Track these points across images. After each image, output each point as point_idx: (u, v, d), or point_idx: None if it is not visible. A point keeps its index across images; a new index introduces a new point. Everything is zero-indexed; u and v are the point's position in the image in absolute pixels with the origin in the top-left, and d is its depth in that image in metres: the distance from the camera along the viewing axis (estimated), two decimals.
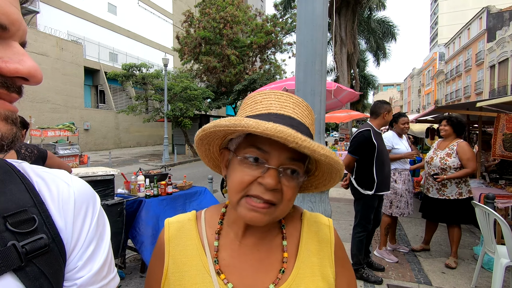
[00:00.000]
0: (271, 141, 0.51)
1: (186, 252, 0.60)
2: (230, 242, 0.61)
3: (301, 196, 1.77)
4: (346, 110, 11.32)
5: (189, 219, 0.65)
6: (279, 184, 0.52)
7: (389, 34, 18.13)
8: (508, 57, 21.21)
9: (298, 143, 0.46)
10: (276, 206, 0.53)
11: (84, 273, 0.46)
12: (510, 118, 3.73)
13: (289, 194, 0.53)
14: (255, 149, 0.53)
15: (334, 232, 0.65)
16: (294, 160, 0.53)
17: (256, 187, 0.52)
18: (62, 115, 16.81)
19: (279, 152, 0.52)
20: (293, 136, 0.46)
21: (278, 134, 0.46)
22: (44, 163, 2.12)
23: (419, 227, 4.50)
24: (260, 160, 0.53)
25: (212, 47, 15.22)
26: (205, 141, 0.60)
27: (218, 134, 0.57)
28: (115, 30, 22.77)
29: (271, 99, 0.58)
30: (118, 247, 2.76)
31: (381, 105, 3.05)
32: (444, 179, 3.20)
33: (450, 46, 33.88)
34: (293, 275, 0.58)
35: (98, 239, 0.50)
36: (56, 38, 16.95)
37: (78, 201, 0.48)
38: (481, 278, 2.95)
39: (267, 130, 0.46)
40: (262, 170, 0.52)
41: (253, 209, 0.52)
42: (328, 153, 0.49)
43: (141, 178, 3.03)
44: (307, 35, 1.55)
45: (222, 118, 0.51)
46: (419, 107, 43.42)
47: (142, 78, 18.83)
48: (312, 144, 0.47)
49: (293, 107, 0.58)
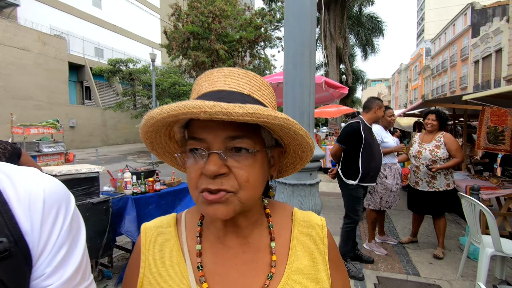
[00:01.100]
0: (203, 127, 0.46)
1: (164, 260, 0.54)
2: (211, 245, 0.55)
3: (291, 190, 1.75)
4: (336, 105, 11.38)
5: (168, 223, 0.58)
6: (223, 167, 0.46)
7: (378, 29, 18.31)
8: (491, 52, 21.74)
9: (207, 110, 0.39)
10: (236, 193, 0.47)
11: (53, 281, 0.42)
12: (494, 111, 3.81)
13: (243, 175, 0.46)
14: (192, 140, 0.48)
15: (328, 233, 0.60)
16: (237, 138, 0.46)
17: (202, 180, 0.47)
18: (46, 112, 16.30)
19: (214, 135, 0.46)
20: (198, 105, 0.39)
21: (181, 110, 0.40)
22: (19, 159, 2.02)
23: (407, 220, 4.58)
24: (199, 150, 0.47)
25: (200, 42, 14.99)
26: (152, 128, 0.51)
27: (162, 121, 0.48)
28: (100, 25, 22.15)
29: (202, 81, 0.53)
30: (105, 246, 2.69)
31: (373, 100, 3.14)
32: (438, 168, 3.27)
33: (436, 41, 34.50)
34: (283, 281, 0.53)
35: (71, 243, 0.45)
36: (38, 33, 16.37)
37: (48, 201, 0.44)
38: (467, 267, 3.02)
39: (171, 111, 0.41)
40: (204, 159, 0.47)
41: (209, 203, 0.46)
42: (253, 110, 0.41)
43: (127, 175, 2.96)
44: (295, 26, 1.51)
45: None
46: (406, 102, 44.20)
47: (129, 74, 18.47)
48: (225, 106, 0.39)
49: (223, 79, 0.51)
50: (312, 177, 1.74)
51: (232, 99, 0.46)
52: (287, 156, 0.59)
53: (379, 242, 3.72)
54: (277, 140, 0.54)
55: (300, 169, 0.62)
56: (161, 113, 0.43)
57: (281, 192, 1.78)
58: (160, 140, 0.55)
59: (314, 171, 1.77)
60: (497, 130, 3.74)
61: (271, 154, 0.53)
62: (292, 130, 0.47)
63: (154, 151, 0.57)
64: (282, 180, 1.75)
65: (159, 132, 0.53)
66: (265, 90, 0.54)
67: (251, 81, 0.53)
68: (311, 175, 1.73)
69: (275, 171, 0.56)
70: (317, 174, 1.85)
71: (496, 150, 3.90)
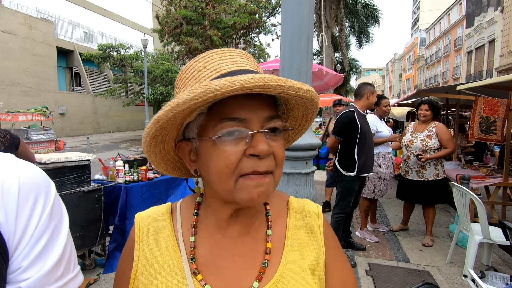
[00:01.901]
0: (242, 106, 0.44)
1: (158, 251, 0.53)
2: (209, 236, 0.53)
3: (286, 179, 1.74)
4: (331, 94, 11.36)
5: (163, 212, 0.56)
6: (270, 147, 0.45)
7: (373, 17, 18.14)
8: (484, 43, 21.84)
9: (282, 85, 0.40)
10: (273, 173, 0.47)
11: (31, 274, 0.39)
12: (487, 101, 3.84)
13: (281, 155, 0.48)
14: (229, 121, 0.44)
15: (324, 220, 0.58)
16: (274, 118, 0.47)
17: (247, 163, 0.44)
18: (35, 99, 15.89)
19: (256, 114, 0.45)
20: (275, 79, 0.40)
21: (258, 82, 0.39)
22: (17, 149, 1.97)
23: (398, 208, 4.66)
24: (238, 131, 0.45)
25: (193, 28, 14.64)
26: (160, 138, 0.49)
27: (176, 120, 0.45)
28: (89, 8, 21.40)
29: (217, 60, 0.49)
30: (97, 235, 2.67)
31: (364, 86, 3.06)
32: (428, 158, 3.29)
33: (431, 31, 34.46)
34: (280, 270, 0.51)
35: (51, 234, 0.43)
36: (24, 15, 15.75)
37: (23, 190, 0.41)
38: (456, 254, 3.11)
39: (246, 83, 0.38)
40: (246, 141, 0.45)
41: (257, 185, 0.45)
42: (310, 88, 0.46)
43: (119, 164, 2.91)
44: (292, 9, 1.46)
45: (173, 100, 0.41)
46: (400, 92, 44.46)
47: (120, 60, 18.01)
48: (295, 82, 0.42)
49: (242, 60, 0.50)
50: (308, 166, 1.73)
51: None
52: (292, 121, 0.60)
53: (371, 230, 3.79)
54: None
55: (303, 134, 0.63)
56: (231, 84, 0.38)
57: None
58: (162, 146, 0.52)
59: (310, 160, 1.76)
60: (489, 120, 3.78)
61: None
62: (315, 104, 0.51)
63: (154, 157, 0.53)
64: None
65: (167, 130, 0.48)
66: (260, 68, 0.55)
67: (255, 62, 0.54)
68: (306, 164, 1.72)
69: None
70: (312, 163, 1.84)
71: (488, 140, 3.95)
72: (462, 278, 2.68)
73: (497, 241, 2.59)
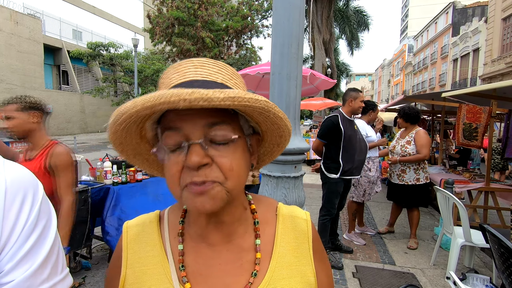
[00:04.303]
0: (179, 117, 0.44)
1: (146, 259, 0.52)
2: (195, 244, 0.53)
3: (275, 183, 1.76)
4: (321, 98, 11.48)
5: (150, 221, 0.56)
6: (206, 158, 0.44)
7: (363, 24, 18.47)
8: (469, 51, 22.55)
9: (186, 98, 0.37)
10: (222, 183, 0.45)
11: (14, 276, 0.39)
12: (470, 108, 3.96)
13: (226, 163, 0.45)
14: (168, 131, 0.45)
15: (312, 226, 0.60)
16: (216, 124, 0.45)
17: (185, 174, 0.44)
18: None
19: (192, 123, 0.44)
20: (176, 94, 0.37)
21: (157, 100, 0.38)
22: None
23: (385, 211, 4.75)
24: (177, 142, 0.45)
25: (185, 29, 14.56)
26: (131, 144, 0.52)
27: (133, 127, 0.48)
28: (78, 5, 21.01)
29: (170, 73, 0.50)
30: (83, 237, 2.62)
31: (348, 92, 3.14)
32: (397, 160, 3.46)
33: (418, 38, 35.31)
34: (267, 277, 0.52)
35: (39, 235, 0.42)
36: (10, 11, 15.33)
37: (10, 190, 0.41)
38: (439, 256, 3.19)
39: (145, 102, 0.38)
40: (184, 152, 0.44)
41: (196, 196, 0.44)
42: (233, 95, 0.39)
43: (107, 164, 2.86)
44: (283, 15, 1.49)
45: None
46: (388, 97, 45.30)
47: (110, 59, 17.73)
48: (204, 93, 0.37)
49: (194, 70, 0.49)
50: (297, 170, 1.75)
51: (207, 88, 0.43)
52: (264, 144, 0.59)
53: (359, 233, 3.85)
54: (254, 128, 0.53)
55: (277, 157, 0.62)
56: (134, 106, 0.39)
57: (265, 184, 1.78)
58: (130, 140, 0.51)
59: (299, 164, 1.78)
60: (471, 126, 3.91)
61: (250, 142, 0.52)
62: (272, 113, 0.46)
63: (124, 153, 0.53)
64: (267, 172, 1.75)
65: (129, 131, 0.48)
66: (237, 79, 0.53)
67: (222, 71, 0.51)
68: (295, 168, 1.74)
69: (255, 160, 0.55)
70: (301, 167, 1.86)
71: (470, 146, 4.09)
72: (445, 280, 2.76)
73: (478, 244, 2.67)
